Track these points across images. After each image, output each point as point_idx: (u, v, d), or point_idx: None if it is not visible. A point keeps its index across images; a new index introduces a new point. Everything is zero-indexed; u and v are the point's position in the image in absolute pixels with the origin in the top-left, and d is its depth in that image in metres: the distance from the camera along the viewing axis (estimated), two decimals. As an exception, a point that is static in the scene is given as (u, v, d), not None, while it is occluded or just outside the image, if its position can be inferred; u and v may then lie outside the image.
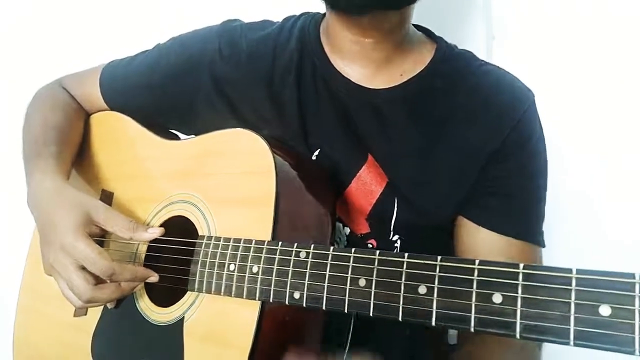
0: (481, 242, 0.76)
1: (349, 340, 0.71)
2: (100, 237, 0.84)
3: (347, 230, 0.78)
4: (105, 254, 0.71)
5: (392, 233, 0.77)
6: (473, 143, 0.75)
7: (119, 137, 0.92)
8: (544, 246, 0.78)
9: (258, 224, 0.66)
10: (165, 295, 0.76)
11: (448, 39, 0.84)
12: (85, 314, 0.83)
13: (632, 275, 0.40)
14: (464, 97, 0.77)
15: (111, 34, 1.21)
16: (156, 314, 0.75)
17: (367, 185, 0.77)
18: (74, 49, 1.22)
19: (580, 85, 1.05)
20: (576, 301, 0.42)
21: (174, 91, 0.86)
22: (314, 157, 0.79)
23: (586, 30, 1.03)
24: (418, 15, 0.79)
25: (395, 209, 0.76)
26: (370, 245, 0.78)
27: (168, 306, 0.74)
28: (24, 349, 0.93)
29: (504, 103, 0.77)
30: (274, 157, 0.68)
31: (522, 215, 0.77)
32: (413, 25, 0.82)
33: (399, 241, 0.78)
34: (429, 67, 0.79)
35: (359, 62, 0.78)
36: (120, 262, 0.74)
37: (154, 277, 0.75)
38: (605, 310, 0.40)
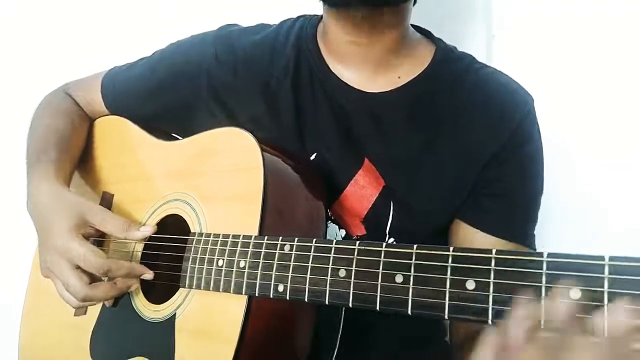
0: (475, 244, 0.76)
1: (339, 336, 0.70)
2: (98, 238, 0.85)
3: (343, 232, 0.78)
4: (100, 252, 0.72)
5: (387, 236, 0.77)
6: (471, 147, 0.75)
7: (120, 140, 0.94)
8: (535, 249, 0.77)
9: (246, 220, 0.66)
10: (160, 292, 0.77)
11: (448, 39, 0.83)
12: (85, 314, 0.84)
13: (602, 258, 0.39)
14: (463, 101, 0.77)
15: (114, 41, 1.25)
16: (150, 311, 0.76)
17: (363, 189, 0.77)
18: (78, 56, 1.25)
19: (580, 85, 1.04)
20: (547, 285, 0.41)
21: (172, 96, 0.88)
22: None
23: (586, 30, 1.02)
24: (418, 14, 0.79)
25: (391, 213, 0.76)
26: None
27: (162, 303, 0.75)
28: (29, 351, 0.94)
29: (503, 108, 0.76)
30: (262, 153, 0.68)
31: (517, 218, 0.77)
32: (412, 26, 0.82)
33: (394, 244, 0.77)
34: (428, 69, 0.78)
35: (356, 64, 0.78)
36: (116, 259, 0.75)
37: (148, 275, 0.76)
38: (575, 293, 0.40)
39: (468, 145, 0.75)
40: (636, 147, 1.01)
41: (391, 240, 0.77)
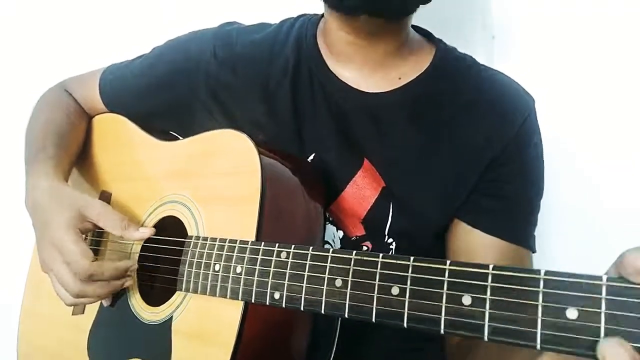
0: (474, 244, 0.75)
1: (335, 341, 0.70)
2: (97, 238, 0.85)
3: (341, 233, 0.78)
4: (88, 254, 0.71)
5: (387, 236, 0.76)
6: (472, 148, 0.75)
7: (119, 139, 0.93)
8: (534, 251, 0.77)
9: (243, 223, 0.66)
10: (158, 294, 0.77)
11: (448, 40, 0.83)
12: (83, 313, 0.84)
13: (600, 278, 0.39)
14: (464, 102, 0.76)
15: (113, 37, 1.24)
16: (147, 313, 0.76)
17: (362, 190, 0.76)
18: (77, 53, 1.24)
19: (580, 85, 1.03)
20: (543, 304, 0.41)
21: (169, 93, 0.87)
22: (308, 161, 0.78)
23: (586, 30, 1.02)
24: (418, 15, 0.78)
25: (390, 214, 0.76)
26: (365, 248, 0.77)
27: (159, 305, 0.75)
28: (27, 350, 0.95)
29: (505, 110, 0.76)
30: (260, 156, 0.68)
31: (515, 218, 0.76)
32: (413, 27, 0.81)
33: (394, 244, 0.77)
34: (428, 70, 0.78)
35: (356, 64, 0.77)
36: (101, 261, 0.74)
37: (133, 265, 0.76)
38: (572, 313, 0.39)
39: (469, 147, 0.75)
40: (636, 147, 1.00)
41: (391, 239, 0.77)
